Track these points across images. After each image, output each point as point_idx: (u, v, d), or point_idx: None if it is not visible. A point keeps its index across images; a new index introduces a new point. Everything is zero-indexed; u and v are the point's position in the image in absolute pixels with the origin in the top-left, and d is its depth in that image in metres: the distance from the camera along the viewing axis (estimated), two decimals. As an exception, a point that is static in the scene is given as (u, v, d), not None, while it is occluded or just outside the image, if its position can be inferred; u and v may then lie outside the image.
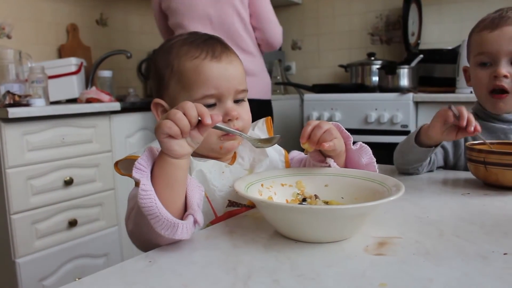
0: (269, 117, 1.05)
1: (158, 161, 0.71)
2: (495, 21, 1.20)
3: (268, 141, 0.84)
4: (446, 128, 1.06)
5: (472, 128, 1.01)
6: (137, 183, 0.69)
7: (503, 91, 1.19)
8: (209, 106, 0.88)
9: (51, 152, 1.95)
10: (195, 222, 0.69)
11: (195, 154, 0.90)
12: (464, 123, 1.01)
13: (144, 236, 0.74)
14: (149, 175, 0.69)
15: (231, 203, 0.88)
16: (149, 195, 0.66)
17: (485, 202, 0.91)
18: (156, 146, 0.84)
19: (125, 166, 0.82)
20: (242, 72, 0.93)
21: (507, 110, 1.22)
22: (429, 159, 1.18)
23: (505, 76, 1.18)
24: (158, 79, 0.94)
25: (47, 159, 1.94)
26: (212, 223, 0.86)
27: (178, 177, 0.70)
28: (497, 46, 1.18)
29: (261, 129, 1.03)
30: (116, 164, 0.82)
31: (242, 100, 0.93)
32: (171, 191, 0.70)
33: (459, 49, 2.60)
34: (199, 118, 0.69)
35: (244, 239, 0.71)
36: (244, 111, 0.93)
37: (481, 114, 1.27)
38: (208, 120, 0.68)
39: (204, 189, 0.85)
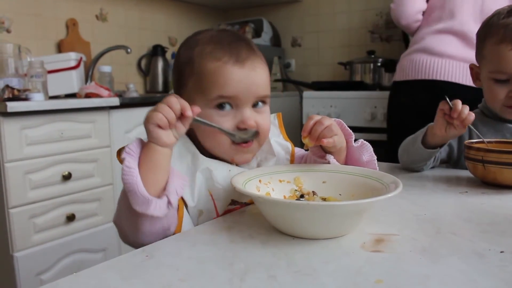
0: (280, 113, 1.05)
1: (144, 148, 0.76)
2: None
3: (245, 133, 0.87)
4: (448, 123, 1.07)
5: (463, 118, 1.03)
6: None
7: None
8: (224, 108, 0.85)
9: (49, 146, 1.95)
10: (169, 202, 0.73)
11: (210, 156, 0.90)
12: (455, 115, 1.03)
13: (125, 230, 0.79)
14: (137, 158, 0.75)
15: (233, 202, 0.88)
16: (131, 172, 0.72)
17: (483, 201, 0.91)
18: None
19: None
20: (265, 79, 0.89)
21: None
22: (434, 157, 1.18)
23: None
24: (178, 74, 0.91)
25: (45, 153, 1.93)
26: None
27: (161, 163, 0.75)
28: None
29: (273, 123, 1.02)
30: (119, 153, 0.82)
31: (263, 105, 0.90)
32: (154, 175, 0.74)
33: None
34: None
35: (242, 235, 0.71)
36: (262, 118, 0.89)
37: (488, 112, 1.27)
38: (188, 113, 0.75)
39: (210, 188, 0.86)
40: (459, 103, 1.04)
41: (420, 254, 0.62)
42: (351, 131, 0.93)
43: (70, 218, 2.04)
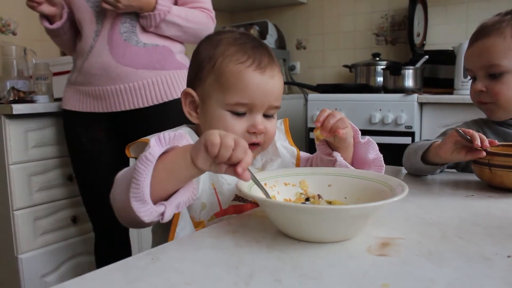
0: (286, 118, 1.07)
1: (179, 149, 0.72)
2: (472, 37, 1.22)
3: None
4: (456, 148, 1.04)
5: (484, 152, 0.99)
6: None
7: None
8: (238, 114, 0.87)
9: (54, 149, 1.95)
10: (163, 213, 0.70)
11: None
12: (479, 143, 0.98)
13: (117, 205, 0.76)
14: (163, 149, 0.71)
15: (237, 197, 0.89)
16: (147, 164, 0.68)
17: (489, 204, 0.91)
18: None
19: (135, 150, 0.83)
20: (280, 88, 0.92)
21: (500, 115, 1.22)
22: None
23: (481, 91, 1.19)
24: (196, 69, 0.92)
25: (50, 155, 1.94)
26: (217, 215, 0.87)
27: (181, 176, 0.72)
28: (471, 63, 1.21)
29: (279, 129, 1.04)
30: (128, 148, 0.82)
31: (272, 116, 0.92)
32: (166, 180, 0.71)
33: (456, 50, 2.59)
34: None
35: (247, 238, 0.71)
36: (271, 125, 0.92)
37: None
38: (239, 170, 0.67)
39: (213, 181, 0.88)
40: (474, 133, 1.00)
41: (426, 258, 0.62)
42: (357, 128, 0.94)
43: (75, 220, 2.04)
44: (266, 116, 0.90)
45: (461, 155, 1.03)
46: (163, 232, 0.84)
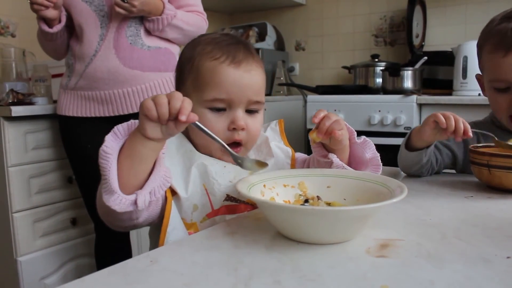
0: (282, 120, 1.07)
1: (132, 133, 0.74)
2: (506, 41, 1.08)
3: (257, 164, 0.82)
4: (438, 131, 1.04)
5: (459, 138, 1.00)
6: None
7: None
8: (218, 110, 0.88)
9: (53, 150, 1.95)
10: (135, 202, 0.71)
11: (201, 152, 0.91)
12: (460, 139, 1.00)
13: (99, 207, 0.77)
14: (121, 141, 0.73)
15: (228, 198, 0.88)
16: (107, 158, 0.70)
17: (488, 205, 0.91)
18: None
19: None
20: (260, 83, 0.91)
21: None
22: (429, 162, 1.16)
23: None
24: (179, 71, 0.94)
25: (49, 157, 1.94)
26: (209, 216, 0.87)
27: (142, 155, 0.72)
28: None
29: (274, 129, 1.04)
30: None
31: (256, 111, 0.92)
32: (131, 165, 0.72)
33: (455, 51, 2.59)
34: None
35: (246, 239, 0.71)
36: (254, 123, 0.91)
37: (497, 122, 1.24)
38: (181, 117, 0.69)
39: (204, 182, 0.87)
40: (451, 120, 1.00)
41: (425, 260, 0.62)
42: (352, 128, 0.93)
43: (74, 222, 2.04)
44: (249, 112, 0.91)
45: (445, 135, 1.04)
46: (159, 235, 0.84)
